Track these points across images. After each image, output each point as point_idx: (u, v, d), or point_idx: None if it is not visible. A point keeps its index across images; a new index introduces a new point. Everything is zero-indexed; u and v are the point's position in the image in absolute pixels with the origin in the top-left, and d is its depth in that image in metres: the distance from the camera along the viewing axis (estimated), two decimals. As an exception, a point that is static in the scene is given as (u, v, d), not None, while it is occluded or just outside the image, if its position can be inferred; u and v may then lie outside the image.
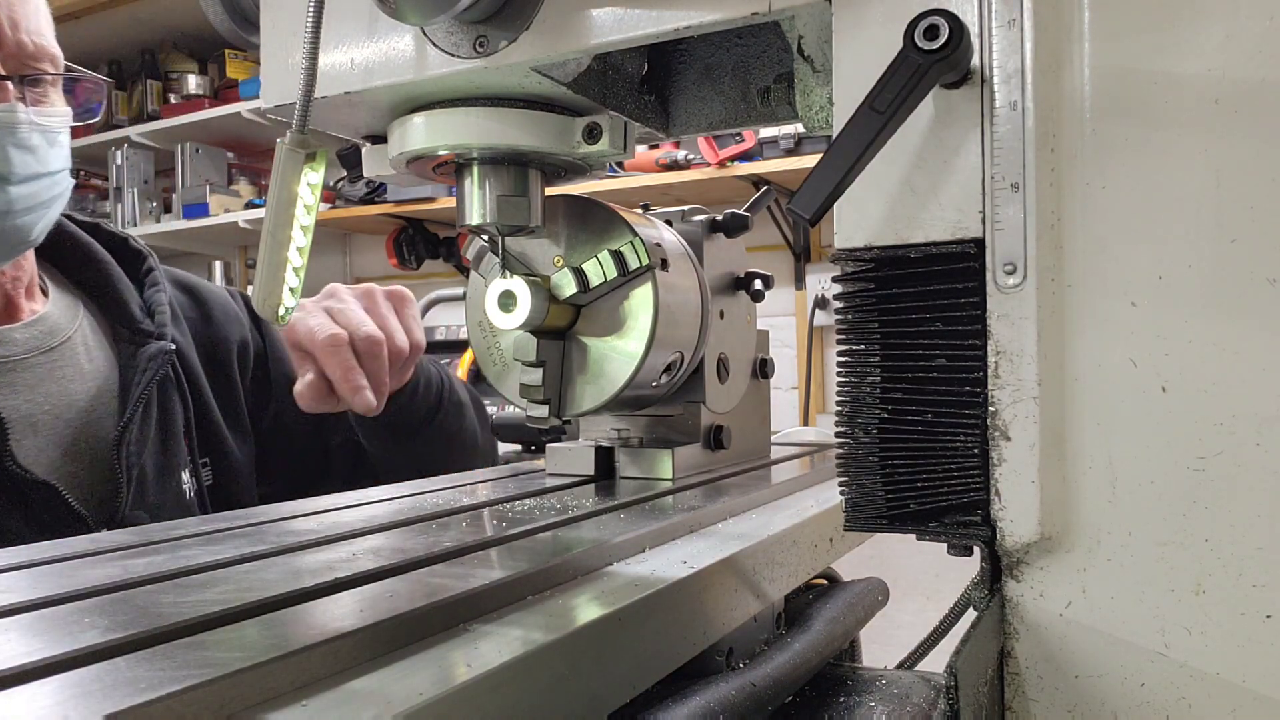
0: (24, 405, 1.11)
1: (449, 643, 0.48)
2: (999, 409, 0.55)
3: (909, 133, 0.55)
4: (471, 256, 0.87)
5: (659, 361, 0.88)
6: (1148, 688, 0.54)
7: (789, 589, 0.77)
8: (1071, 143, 0.55)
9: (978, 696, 0.50)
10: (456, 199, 0.79)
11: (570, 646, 0.49)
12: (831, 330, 3.38)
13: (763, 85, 0.82)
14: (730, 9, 0.60)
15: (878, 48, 0.56)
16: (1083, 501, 0.55)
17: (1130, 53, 0.54)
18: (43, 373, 1.14)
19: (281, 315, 0.71)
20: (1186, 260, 0.52)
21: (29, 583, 0.56)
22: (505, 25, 0.65)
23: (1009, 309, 0.55)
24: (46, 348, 1.16)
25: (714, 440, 1.02)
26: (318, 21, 0.65)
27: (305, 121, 0.68)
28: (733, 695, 0.60)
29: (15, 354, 1.13)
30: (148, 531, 0.73)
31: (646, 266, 0.84)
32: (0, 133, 1.06)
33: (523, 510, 0.79)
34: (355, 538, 0.69)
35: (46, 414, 1.12)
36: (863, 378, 0.59)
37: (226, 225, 4.53)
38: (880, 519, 0.59)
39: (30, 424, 1.10)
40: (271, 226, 0.70)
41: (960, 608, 0.60)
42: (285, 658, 0.41)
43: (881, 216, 0.57)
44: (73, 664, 0.41)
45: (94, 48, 4.68)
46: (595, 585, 0.59)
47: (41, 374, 1.14)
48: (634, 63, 0.79)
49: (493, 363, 0.91)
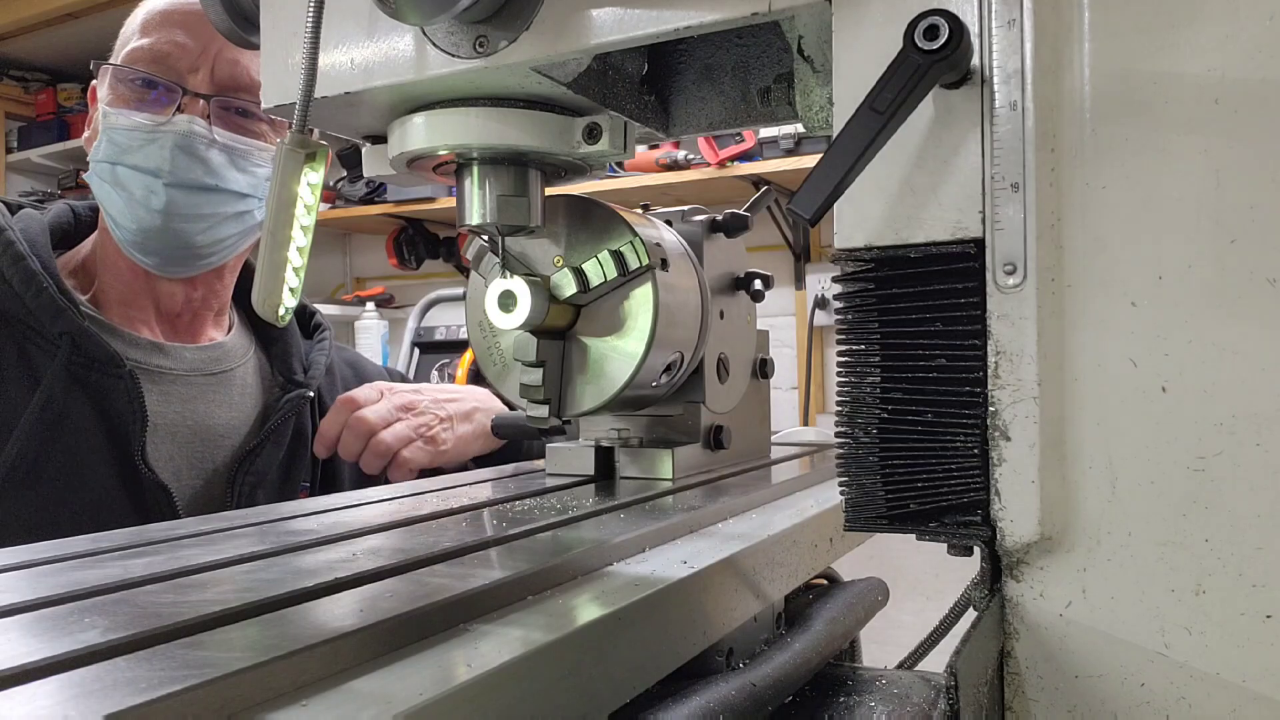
0: (171, 415, 1.23)
1: (449, 643, 0.48)
2: (999, 409, 0.55)
3: (909, 133, 0.55)
4: (471, 256, 0.87)
5: (659, 361, 0.88)
6: (1148, 688, 0.54)
7: (789, 589, 0.77)
8: (1071, 143, 0.55)
9: (978, 696, 0.50)
10: (456, 199, 0.79)
11: (570, 646, 0.49)
12: (831, 330, 3.38)
13: (763, 85, 0.82)
14: (730, 9, 0.60)
15: (878, 48, 0.56)
16: (1083, 501, 0.55)
17: (1130, 53, 0.54)
18: (197, 392, 1.27)
19: (282, 315, 0.71)
20: (1186, 260, 0.52)
21: (29, 583, 0.56)
22: (505, 25, 0.65)
23: (1009, 309, 0.55)
24: (210, 372, 1.30)
25: (714, 440, 1.02)
26: (318, 21, 0.65)
27: (305, 121, 0.68)
28: (733, 695, 0.60)
29: (181, 370, 1.27)
30: (148, 532, 0.73)
31: (646, 266, 0.84)
32: (172, 135, 1.19)
33: (523, 510, 0.79)
34: (355, 538, 0.69)
35: (188, 428, 1.25)
36: (863, 378, 0.59)
37: (227, 225, 4.52)
38: (880, 519, 0.59)
39: (170, 432, 1.23)
40: (271, 226, 0.70)
41: (960, 608, 0.60)
42: (285, 658, 0.41)
43: (881, 216, 0.57)
44: (73, 664, 0.41)
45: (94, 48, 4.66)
46: (595, 585, 0.59)
47: (196, 393, 1.27)
48: (634, 63, 0.79)
49: (493, 363, 0.91)
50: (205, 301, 1.32)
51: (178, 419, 1.24)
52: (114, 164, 1.21)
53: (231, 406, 1.31)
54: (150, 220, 1.21)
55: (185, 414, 1.26)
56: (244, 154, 1.25)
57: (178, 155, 1.19)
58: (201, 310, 1.33)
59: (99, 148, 1.23)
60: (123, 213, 1.22)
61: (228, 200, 1.24)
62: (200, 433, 1.26)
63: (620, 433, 1.03)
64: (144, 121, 1.20)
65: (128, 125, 1.20)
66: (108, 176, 1.22)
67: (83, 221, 1.35)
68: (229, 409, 1.30)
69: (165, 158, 1.19)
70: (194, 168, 1.21)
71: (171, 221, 1.21)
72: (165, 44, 1.21)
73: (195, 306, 1.31)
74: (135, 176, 1.20)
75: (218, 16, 0.77)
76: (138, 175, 1.20)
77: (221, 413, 1.29)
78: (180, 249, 1.24)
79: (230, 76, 1.23)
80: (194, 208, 1.22)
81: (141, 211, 1.21)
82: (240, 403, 1.32)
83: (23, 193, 4.77)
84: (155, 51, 1.21)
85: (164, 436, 1.22)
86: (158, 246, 1.23)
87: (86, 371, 1.17)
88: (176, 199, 1.20)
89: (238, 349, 1.35)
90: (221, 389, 1.30)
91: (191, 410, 1.26)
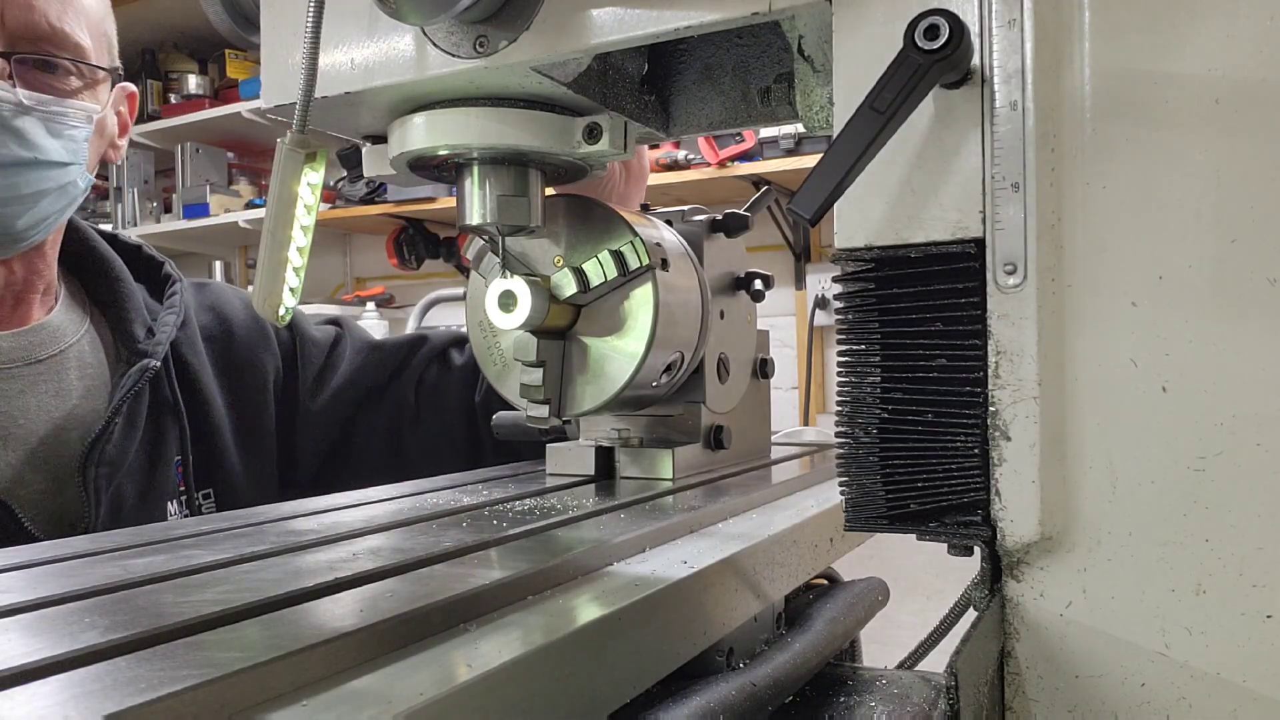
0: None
1: (449, 643, 0.48)
2: (999, 409, 0.55)
3: (909, 133, 0.55)
4: (472, 256, 0.87)
5: (659, 361, 0.88)
6: (1148, 688, 0.54)
7: (789, 589, 0.77)
8: (1072, 143, 0.55)
9: (978, 696, 0.50)
10: (457, 199, 0.79)
11: (570, 646, 0.49)
12: (831, 330, 3.38)
13: (763, 85, 0.82)
14: (730, 9, 0.60)
15: (878, 48, 0.56)
16: (1083, 501, 0.55)
17: (1130, 53, 0.54)
18: (24, 384, 1.09)
19: (282, 315, 0.71)
20: (1186, 260, 0.52)
21: (29, 583, 0.56)
22: (505, 25, 0.65)
23: (1009, 309, 0.55)
24: (33, 359, 1.11)
25: (714, 440, 1.02)
26: (318, 21, 0.65)
27: (305, 121, 0.68)
28: (733, 695, 0.60)
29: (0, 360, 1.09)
30: (147, 532, 0.73)
31: (647, 266, 0.84)
32: None
33: (523, 510, 0.79)
34: (355, 538, 0.69)
35: (20, 427, 1.07)
36: (863, 378, 0.59)
37: (227, 225, 4.53)
38: (880, 519, 0.59)
39: (1, 435, 1.06)
40: (272, 226, 0.70)
41: (960, 608, 0.60)
42: (285, 658, 0.41)
43: (882, 216, 0.57)
44: (73, 664, 0.41)
45: (94, 48, 4.68)
46: (595, 585, 0.59)
47: (22, 385, 1.09)
48: (634, 63, 0.79)
49: (493, 363, 0.91)
50: (28, 283, 1.13)
51: (5, 420, 1.07)
52: None
53: (68, 393, 1.11)
54: None
55: (13, 413, 1.07)
56: (59, 116, 1.07)
57: None
58: (25, 293, 1.13)
59: None
60: None
61: (48, 173, 1.06)
62: (35, 430, 1.08)
63: (620, 433, 1.03)
64: None
65: None
66: None
67: None
68: (65, 396, 1.11)
69: None
70: (5, 141, 1.02)
71: None
72: None
73: (17, 289, 1.12)
74: None
75: (218, 16, 0.77)
76: None
77: (57, 402, 1.10)
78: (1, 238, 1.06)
79: (26, 25, 1.03)
80: (12, 190, 1.04)
81: None
82: (80, 387, 1.13)
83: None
84: None
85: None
86: None
87: None
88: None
89: (66, 326, 1.15)
90: (53, 375, 1.11)
91: (20, 407, 1.08)
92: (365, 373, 1.35)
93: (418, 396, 1.34)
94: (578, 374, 0.87)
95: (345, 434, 1.34)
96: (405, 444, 1.33)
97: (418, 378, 1.35)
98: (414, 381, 1.34)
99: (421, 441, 1.32)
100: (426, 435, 1.32)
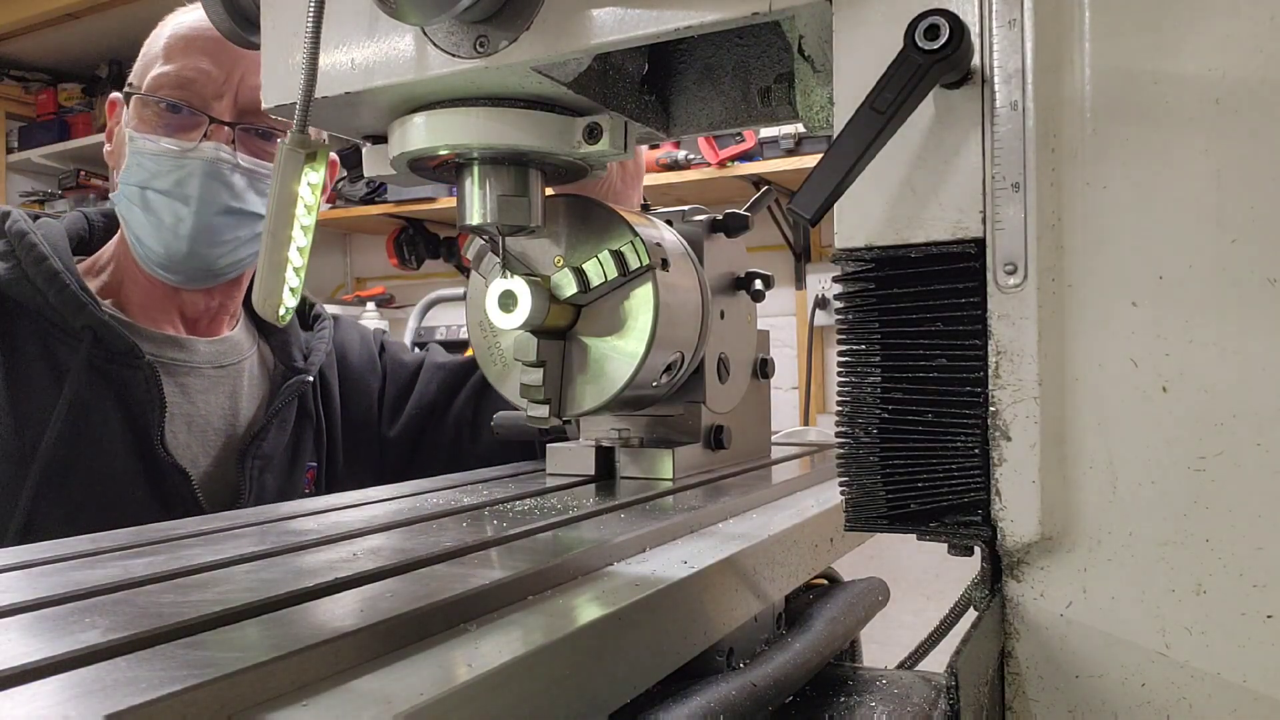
0: (187, 405, 1.31)
1: (449, 643, 0.48)
2: (999, 409, 0.55)
3: (909, 133, 0.55)
4: (472, 256, 0.87)
5: (659, 361, 0.88)
6: (1148, 688, 0.54)
7: (789, 589, 0.77)
8: (1072, 143, 0.55)
9: (978, 696, 0.50)
10: (457, 199, 0.79)
11: (570, 646, 0.49)
12: (831, 330, 3.38)
13: (763, 85, 0.82)
14: (730, 9, 0.60)
15: (878, 48, 0.56)
16: (1083, 501, 0.55)
17: (1130, 53, 0.54)
18: (211, 383, 1.34)
19: (282, 315, 0.71)
20: (1186, 260, 0.52)
21: (29, 583, 0.56)
22: (505, 25, 0.65)
23: (1009, 309, 0.55)
24: (222, 364, 1.37)
25: (714, 440, 1.02)
26: (318, 21, 0.65)
27: (305, 121, 0.68)
28: (733, 695, 0.60)
29: (195, 363, 1.34)
30: (147, 532, 0.73)
31: (647, 266, 0.84)
32: (200, 162, 1.24)
33: (523, 510, 0.79)
34: (355, 538, 0.69)
35: (203, 416, 1.32)
36: (863, 378, 0.59)
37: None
38: (880, 519, 0.59)
39: (186, 421, 1.30)
40: (272, 226, 0.70)
41: (960, 608, 0.60)
42: (285, 658, 0.41)
43: (882, 216, 0.57)
44: (73, 664, 0.41)
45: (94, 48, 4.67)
46: (595, 585, 0.59)
47: (210, 383, 1.34)
48: (634, 63, 0.79)
49: (493, 363, 0.91)
50: (223, 306, 1.40)
51: (192, 409, 1.31)
52: (143, 188, 1.26)
53: (241, 396, 1.37)
54: (177, 246, 1.26)
55: (200, 404, 1.32)
56: (265, 177, 1.28)
57: (205, 182, 1.24)
58: (219, 314, 1.40)
59: (128, 171, 1.27)
60: (151, 236, 1.27)
61: (248, 222, 1.29)
62: (213, 421, 1.33)
63: (621, 433, 1.03)
64: (171, 147, 1.24)
65: (155, 151, 1.25)
66: (137, 200, 1.26)
67: (97, 229, 1.40)
68: (238, 399, 1.37)
69: (194, 185, 1.24)
70: (220, 193, 1.26)
71: (197, 247, 1.27)
72: (190, 70, 1.25)
73: (214, 311, 1.39)
74: (164, 202, 1.25)
75: (218, 17, 0.77)
76: (166, 201, 1.25)
77: (231, 402, 1.36)
78: (202, 270, 1.30)
79: (253, 102, 1.25)
80: (218, 233, 1.28)
81: (169, 237, 1.26)
82: (249, 393, 1.39)
83: (23, 193, 4.77)
84: (180, 78, 1.25)
85: (180, 425, 1.29)
86: (181, 268, 1.29)
87: (107, 364, 1.22)
88: (202, 225, 1.26)
89: (244, 343, 1.42)
90: (230, 380, 1.37)
91: (205, 401, 1.33)
92: (431, 395, 1.53)
93: (476, 410, 1.50)
94: (578, 374, 0.87)
95: (413, 453, 1.52)
96: (465, 456, 1.48)
97: (476, 392, 1.51)
98: (473, 396, 1.51)
99: (478, 450, 1.47)
100: (483, 446, 1.47)
